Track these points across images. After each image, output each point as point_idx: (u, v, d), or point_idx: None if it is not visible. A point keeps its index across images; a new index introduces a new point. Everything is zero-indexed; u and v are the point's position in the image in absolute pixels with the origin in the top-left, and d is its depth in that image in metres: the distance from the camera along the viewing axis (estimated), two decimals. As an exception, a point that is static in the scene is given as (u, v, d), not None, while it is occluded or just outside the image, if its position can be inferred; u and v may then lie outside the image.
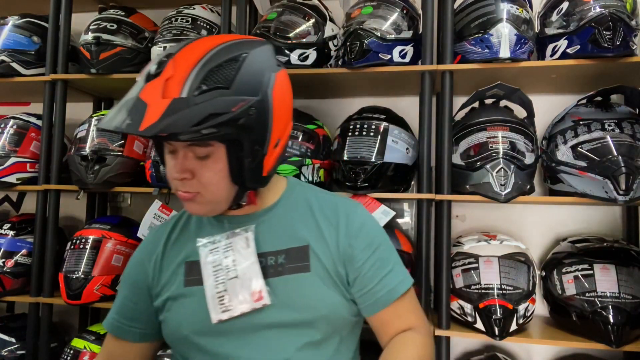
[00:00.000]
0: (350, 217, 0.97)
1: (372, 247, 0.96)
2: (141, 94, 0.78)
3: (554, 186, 1.52)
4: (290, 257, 0.92)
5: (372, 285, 0.94)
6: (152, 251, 1.01)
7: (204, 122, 0.75)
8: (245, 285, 0.88)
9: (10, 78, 1.87)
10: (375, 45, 1.52)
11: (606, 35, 1.38)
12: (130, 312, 1.00)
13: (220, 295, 0.89)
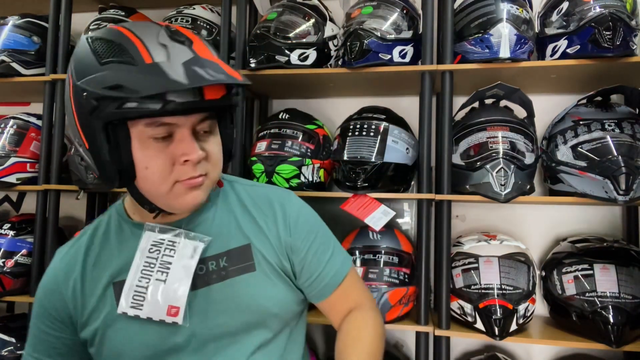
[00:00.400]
0: (285, 207, 0.95)
1: (312, 234, 0.95)
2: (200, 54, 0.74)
3: (554, 186, 1.52)
4: (232, 259, 0.87)
5: (318, 272, 0.94)
6: (68, 276, 0.88)
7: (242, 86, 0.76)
8: (168, 296, 0.82)
9: (10, 78, 1.87)
10: (375, 45, 1.52)
11: (606, 35, 1.38)
12: (52, 348, 0.88)
13: (139, 290, 0.81)
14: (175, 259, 0.83)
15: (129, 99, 0.68)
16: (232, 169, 1.69)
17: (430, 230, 1.58)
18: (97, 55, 0.72)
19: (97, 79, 0.70)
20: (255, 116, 2.03)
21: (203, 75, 0.69)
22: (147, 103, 0.69)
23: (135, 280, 0.82)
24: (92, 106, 0.70)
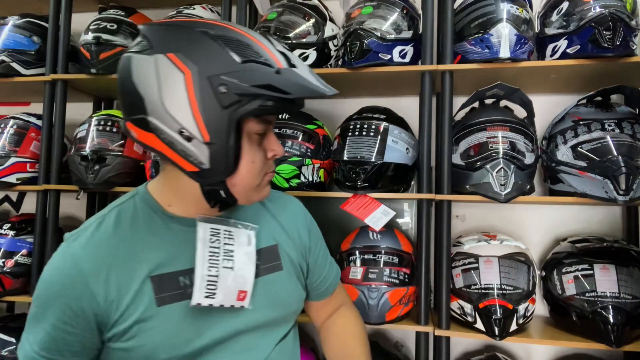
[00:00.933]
0: (299, 209, 1.05)
1: (319, 237, 1.08)
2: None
3: (554, 186, 1.52)
4: (263, 258, 0.91)
5: (325, 272, 1.06)
6: (98, 268, 0.80)
7: None
8: (237, 281, 0.84)
9: (10, 78, 1.87)
10: (375, 45, 1.52)
11: (606, 35, 1.38)
12: (65, 346, 0.79)
13: (211, 279, 0.81)
14: (235, 247, 0.85)
15: (270, 98, 0.74)
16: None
17: (430, 230, 1.58)
18: (233, 53, 0.74)
19: (243, 76, 0.73)
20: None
21: (323, 85, 0.79)
22: (285, 103, 0.76)
23: (204, 270, 0.81)
24: (232, 100, 0.73)
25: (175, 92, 0.73)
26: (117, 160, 1.73)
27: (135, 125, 0.78)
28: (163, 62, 0.74)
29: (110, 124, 1.77)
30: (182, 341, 0.81)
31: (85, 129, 1.77)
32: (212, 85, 0.73)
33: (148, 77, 0.75)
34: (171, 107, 0.74)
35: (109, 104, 2.17)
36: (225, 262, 0.83)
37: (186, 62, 0.73)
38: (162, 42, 0.76)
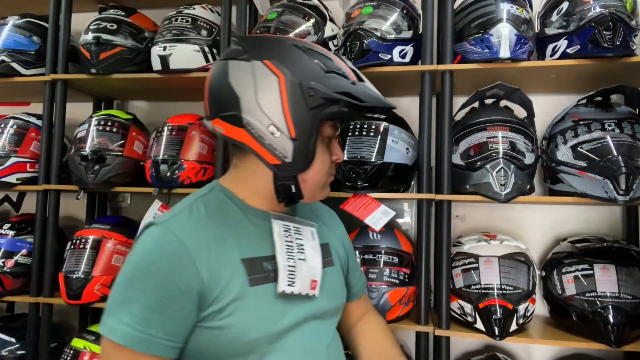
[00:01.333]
0: (336, 216, 1.19)
1: (350, 242, 1.19)
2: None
3: (554, 186, 1.52)
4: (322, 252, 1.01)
5: (357, 275, 1.17)
6: (200, 246, 0.84)
7: None
8: (310, 271, 0.93)
9: (10, 78, 1.87)
10: (375, 45, 1.52)
11: (606, 35, 1.38)
12: (161, 322, 0.79)
13: (290, 269, 0.90)
14: (304, 241, 0.95)
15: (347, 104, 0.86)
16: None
17: (430, 230, 1.58)
18: (319, 65, 0.88)
19: (328, 83, 0.86)
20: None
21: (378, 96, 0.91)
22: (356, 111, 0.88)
23: (284, 261, 0.89)
24: (318, 103, 0.85)
25: (269, 92, 0.85)
26: (117, 160, 1.73)
27: (224, 121, 0.88)
28: (260, 67, 0.86)
29: (110, 124, 1.77)
30: (270, 321, 0.87)
31: (85, 129, 1.77)
32: (302, 89, 0.85)
33: (245, 79, 0.86)
34: (265, 106, 0.85)
35: (109, 104, 2.18)
36: (299, 254, 0.93)
37: (280, 68, 0.86)
38: (259, 51, 0.88)
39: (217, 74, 0.91)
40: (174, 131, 1.74)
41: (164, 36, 1.73)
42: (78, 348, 1.68)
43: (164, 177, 1.67)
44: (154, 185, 1.70)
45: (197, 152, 1.72)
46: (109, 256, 1.72)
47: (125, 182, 1.78)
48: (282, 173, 0.89)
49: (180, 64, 1.71)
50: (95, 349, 1.67)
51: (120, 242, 1.76)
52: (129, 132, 1.80)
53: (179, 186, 1.69)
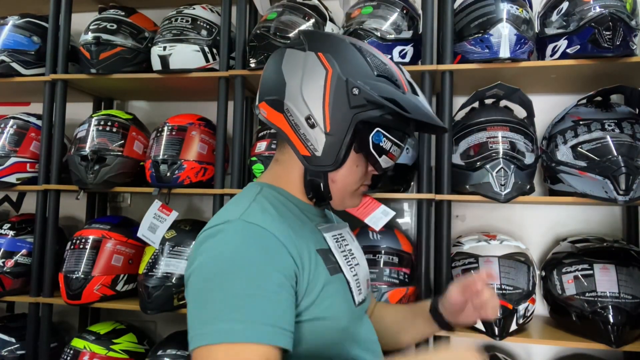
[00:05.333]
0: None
1: None
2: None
3: (554, 186, 1.52)
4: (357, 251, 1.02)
5: None
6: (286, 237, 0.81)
7: None
8: (364, 272, 0.97)
9: (10, 78, 1.88)
10: (375, 45, 1.51)
11: (606, 35, 1.38)
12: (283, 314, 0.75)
13: (356, 279, 0.93)
14: (349, 246, 0.97)
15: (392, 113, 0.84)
16: (231, 169, 1.69)
17: (430, 230, 1.58)
18: (371, 66, 0.87)
19: (375, 86, 0.84)
20: (255, 116, 2.03)
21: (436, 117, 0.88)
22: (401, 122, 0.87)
23: (350, 274, 0.91)
24: (360, 103, 0.84)
25: (315, 83, 0.85)
26: (117, 160, 1.73)
27: (269, 105, 0.90)
28: (312, 58, 0.87)
29: (110, 124, 1.77)
30: (350, 310, 0.89)
31: (85, 129, 1.77)
32: (347, 85, 0.84)
33: (295, 67, 0.88)
34: (307, 95, 0.86)
35: (109, 104, 2.17)
36: (353, 260, 0.95)
37: (331, 62, 0.86)
38: (316, 44, 0.89)
39: (273, 59, 0.94)
40: (173, 131, 1.74)
41: (164, 36, 1.73)
42: (78, 348, 1.68)
43: (164, 177, 1.67)
44: (153, 185, 1.70)
45: (197, 152, 1.72)
46: (109, 256, 1.72)
47: (125, 182, 1.78)
48: (310, 166, 0.87)
49: (180, 64, 1.70)
50: (95, 348, 1.67)
51: (120, 242, 1.76)
52: (129, 132, 1.80)
53: (178, 186, 1.69)
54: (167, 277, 1.62)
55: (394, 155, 0.90)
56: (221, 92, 1.71)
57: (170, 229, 1.71)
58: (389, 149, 0.89)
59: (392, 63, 0.92)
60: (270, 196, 0.90)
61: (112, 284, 1.71)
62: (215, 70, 1.74)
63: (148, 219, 1.69)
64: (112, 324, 1.81)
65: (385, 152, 0.88)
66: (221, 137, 1.72)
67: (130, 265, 1.77)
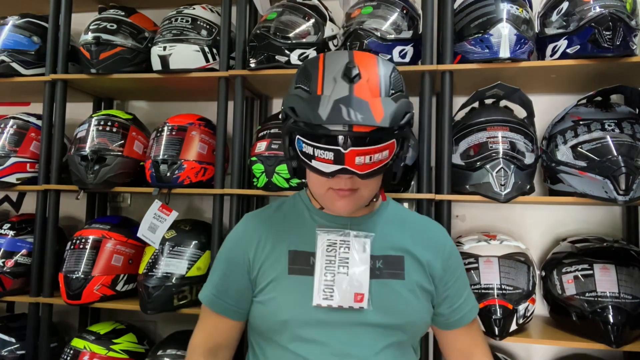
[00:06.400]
0: (440, 238, 1.11)
1: (459, 270, 1.11)
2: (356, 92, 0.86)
3: (553, 186, 1.52)
4: (387, 264, 1.00)
5: (459, 302, 1.09)
6: (252, 234, 1.06)
7: (403, 118, 0.89)
8: (353, 286, 0.96)
9: (10, 78, 1.88)
10: (375, 45, 1.52)
11: (606, 35, 1.38)
12: (227, 289, 1.06)
13: (328, 284, 0.96)
14: (351, 254, 0.97)
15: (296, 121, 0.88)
16: (231, 169, 1.69)
17: (430, 230, 1.57)
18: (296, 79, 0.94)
19: (287, 97, 0.93)
20: (255, 116, 2.03)
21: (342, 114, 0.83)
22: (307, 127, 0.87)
23: (322, 277, 0.96)
24: (283, 116, 0.94)
25: None
26: (117, 160, 1.73)
27: None
28: None
29: (110, 124, 1.77)
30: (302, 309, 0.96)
31: (85, 129, 1.77)
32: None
33: None
34: None
35: (109, 104, 2.17)
36: (340, 268, 0.96)
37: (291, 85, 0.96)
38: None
39: None
40: (173, 131, 1.74)
41: (164, 36, 1.73)
42: (78, 348, 1.68)
43: (164, 177, 1.67)
44: (153, 185, 1.70)
45: (197, 152, 1.72)
46: (108, 256, 1.72)
47: (125, 182, 1.78)
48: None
49: (180, 64, 1.71)
50: (95, 348, 1.67)
51: (120, 242, 1.76)
52: (129, 132, 1.80)
53: (178, 186, 1.69)
54: (167, 277, 1.62)
55: (325, 159, 0.87)
56: (221, 92, 1.71)
57: (170, 229, 1.71)
58: (313, 154, 0.88)
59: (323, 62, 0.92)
60: (292, 199, 1.13)
61: (112, 284, 1.71)
62: (215, 70, 1.74)
63: (148, 219, 1.70)
64: (112, 324, 1.81)
65: (312, 157, 0.88)
66: (221, 137, 1.72)
67: (130, 265, 1.77)
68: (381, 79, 0.89)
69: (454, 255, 1.11)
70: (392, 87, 0.90)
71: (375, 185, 0.98)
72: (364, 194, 0.96)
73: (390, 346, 0.98)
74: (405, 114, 0.89)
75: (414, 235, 1.07)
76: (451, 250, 1.10)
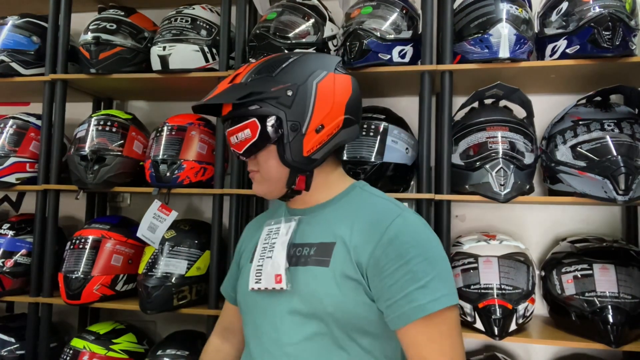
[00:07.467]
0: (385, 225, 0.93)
1: (402, 259, 0.90)
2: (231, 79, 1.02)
3: (553, 186, 1.52)
4: (318, 251, 0.99)
5: (397, 298, 0.89)
6: (249, 229, 1.23)
7: (246, 98, 0.95)
8: (274, 267, 0.99)
9: (9, 78, 1.87)
10: (374, 45, 1.52)
11: (605, 35, 1.38)
12: (229, 276, 1.25)
13: (258, 268, 1.01)
14: (277, 239, 1.02)
15: None
16: (231, 169, 1.69)
17: (429, 230, 1.57)
18: None
19: None
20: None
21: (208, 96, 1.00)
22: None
23: (256, 262, 1.03)
24: None
25: None
26: (116, 160, 1.73)
27: None
28: None
29: (110, 124, 1.77)
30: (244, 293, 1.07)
31: (85, 129, 1.77)
32: None
33: None
34: None
35: (109, 104, 2.17)
36: (268, 253, 1.01)
37: None
38: None
39: None
40: (173, 131, 1.74)
41: (164, 36, 1.73)
42: (77, 348, 1.68)
43: (164, 177, 1.67)
44: (153, 185, 1.70)
45: (196, 152, 1.72)
46: (108, 256, 1.72)
47: (125, 182, 1.78)
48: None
49: (179, 64, 1.70)
50: (95, 348, 1.67)
51: (119, 242, 1.76)
52: (129, 132, 1.80)
53: (178, 186, 1.69)
54: (167, 277, 1.62)
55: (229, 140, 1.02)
56: (221, 92, 1.71)
57: (169, 228, 1.71)
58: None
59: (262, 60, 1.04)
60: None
61: (111, 284, 1.71)
62: (214, 70, 1.74)
63: (147, 218, 1.69)
64: (111, 323, 1.81)
65: None
66: (221, 137, 1.71)
67: (130, 265, 1.77)
68: (248, 72, 1.00)
69: (397, 242, 0.91)
70: (258, 72, 0.99)
71: (271, 166, 1.00)
72: (264, 175, 1.02)
73: (312, 337, 0.93)
74: (253, 93, 0.95)
75: (356, 222, 0.97)
76: (395, 236, 0.91)
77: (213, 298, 1.63)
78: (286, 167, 0.99)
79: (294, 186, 1.02)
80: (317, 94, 0.98)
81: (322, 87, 0.99)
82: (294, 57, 1.01)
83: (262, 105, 0.96)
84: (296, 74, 0.98)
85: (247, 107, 0.96)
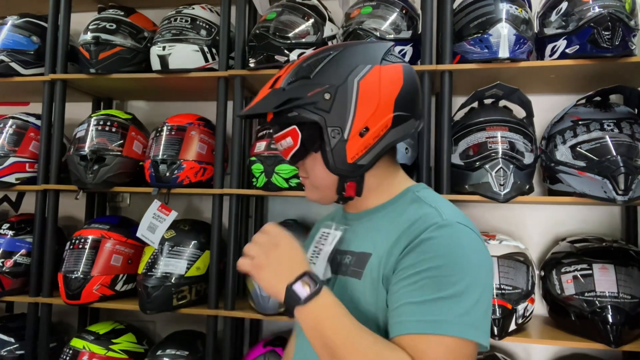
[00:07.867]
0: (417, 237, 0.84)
1: (417, 267, 0.80)
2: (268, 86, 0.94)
3: (553, 186, 1.52)
4: (356, 261, 0.93)
5: (400, 303, 0.80)
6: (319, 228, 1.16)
7: (283, 106, 0.88)
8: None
9: (9, 78, 1.87)
10: (374, 45, 1.52)
11: (605, 35, 1.38)
12: None
13: None
14: (324, 247, 0.98)
15: None
16: (230, 169, 1.69)
17: (429, 230, 1.57)
18: None
19: None
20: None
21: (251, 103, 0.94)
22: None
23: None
24: None
25: None
26: (116, 160, 1.72)
27: None
28: None
29: (109, 124, 1.77)
30: None
31: (85, 129, 1.77)
32: None
33: None
34: None
35: (108, 104, 2.17)
36: (314, 259, 0.97)
37: None
38: None
39: None
40: (173, 131, 1.74)
41: (163, 36, 1.73)
42: (77, 348, 1.68)
43: (163, 177, 1.67)
44: (153, 185, 1.70)
45: (196, 152, 1.72)
46: (108, 256, 1.72)
47: (125, 182, 1.78)
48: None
49: (179, 64, 1.70)
50: (95, 348, 1.67)
51: (119, 242, 1.76)
52: (128, 131, 1.80)
53: (178, 186, 1.69)
54: (167, 277, 1.62)
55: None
56: (220, 92, 1.71)
57: (169, 228, 1.71)
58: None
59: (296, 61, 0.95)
60: None
61: (111, 284, 1.71)
62: (214, 70, 1.74)
63: (147, 218, 1.69)
64: (111, 323, 1.81)
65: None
66: (220, 137, 1.72)
67: (130, 265, 1.77)
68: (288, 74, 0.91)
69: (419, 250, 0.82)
70: (295, 75, 0.90)
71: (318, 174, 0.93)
72: (312, 182, 0.97)
73: None
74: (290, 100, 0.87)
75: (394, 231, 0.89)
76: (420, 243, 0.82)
77: (213, 298, 1.63)
78: (333, 174, 0.92)
79: (344, 193, 0.95)
80: (359, 94, 0.88)
81: (365, 84, 0.88)
82: (333, 52, 0.91)
83: (301, 112, 0.88)
84: (335, 73, 0.89)
85: (286, 114, 0.90)
